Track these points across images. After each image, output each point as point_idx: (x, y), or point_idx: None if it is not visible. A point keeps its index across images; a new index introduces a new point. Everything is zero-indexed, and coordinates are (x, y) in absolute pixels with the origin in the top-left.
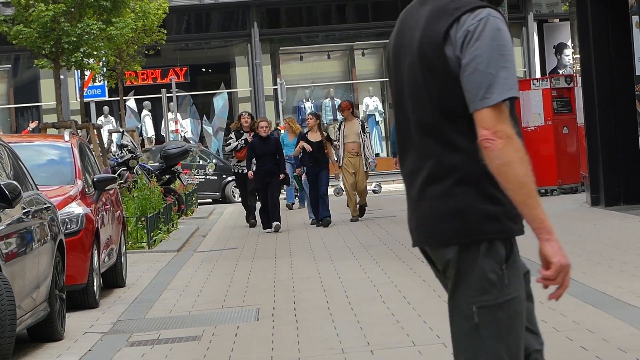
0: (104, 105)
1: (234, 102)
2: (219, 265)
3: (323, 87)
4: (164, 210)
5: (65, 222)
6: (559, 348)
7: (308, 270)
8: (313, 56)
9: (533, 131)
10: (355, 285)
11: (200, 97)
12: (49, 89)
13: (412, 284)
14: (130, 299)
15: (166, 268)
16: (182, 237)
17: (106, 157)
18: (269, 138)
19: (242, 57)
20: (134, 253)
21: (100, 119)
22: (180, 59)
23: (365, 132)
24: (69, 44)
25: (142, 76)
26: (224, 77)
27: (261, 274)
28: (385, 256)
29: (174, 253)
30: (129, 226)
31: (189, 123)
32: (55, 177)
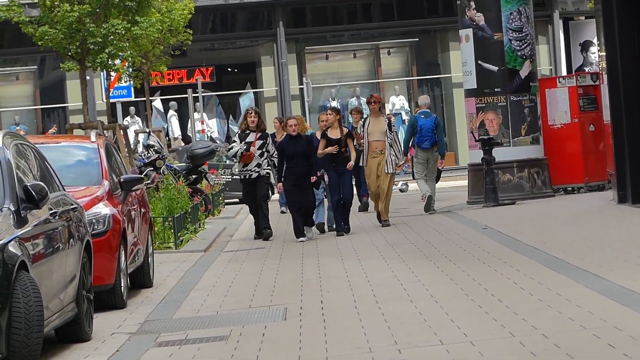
0: (130, 106)
1: (260, 101)
2: (246, 265)
3: (349, 86)
4: (191, 211)
5: (92, 222)
6: (587, 346)
7: (335, 269)
8: (339, 55)
9: (559, 129)
10: (383, 284)
11: (226, 97)
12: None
13: (440, 282)
14: (157, 299)
15: (193, 268)
16: (209, 237)
17: (133, 157)
18: (300, 137)
19: (267, 56)
20: (161, 253)
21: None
22: (206, 59)
23: (392, 131)
24: (95, 45)
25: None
26: (249, 77)
27: (288, 273)
28: (412, 255)
29: (201, 253)
30: (155, 226)
31: (215, 123)
32: (82, 178)
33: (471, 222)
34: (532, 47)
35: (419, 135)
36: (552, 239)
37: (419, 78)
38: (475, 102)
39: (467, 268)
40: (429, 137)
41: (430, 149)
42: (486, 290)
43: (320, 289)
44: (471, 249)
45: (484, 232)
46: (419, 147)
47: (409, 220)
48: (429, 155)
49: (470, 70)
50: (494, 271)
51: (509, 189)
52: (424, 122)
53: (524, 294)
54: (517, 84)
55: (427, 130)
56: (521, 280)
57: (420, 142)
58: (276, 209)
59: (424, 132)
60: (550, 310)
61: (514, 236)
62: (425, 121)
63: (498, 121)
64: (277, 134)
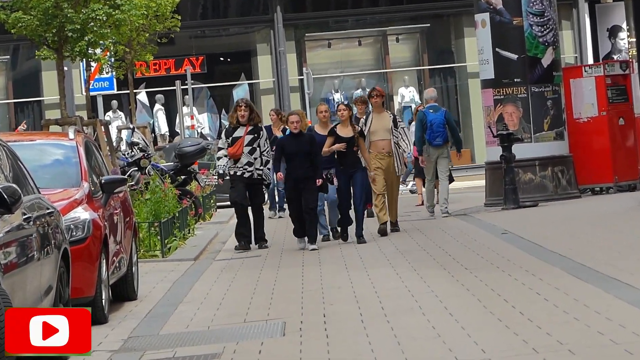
0: (112, 100)
1: (256, 94)
2: (241, 274)
3: (353, 77)
4: (179, 215)
5: (70, 228)
6: None
7: (339, 279)
8: (342, 43)
9: (586, 123)
10: (392, 295)
11: (219, 89)
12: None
13: (455, 293)
14: (142, 313)
15: (182, 278)
16: (200, 244)
17: (115, 156)
18: (302, 135)
19: (264, 44)
20: (146, 262)
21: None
22: (196, 48)
23: (397, 128)
24: (73, 32)
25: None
26: (244, 67)
27: (287, 284)
28: (424, 263)
29: (191, 262)
30: (140, 233)
31: (206, 118)
32: (59, 179)
33: (489, 227)
34: (555, 33)
35: (430, 131)
36: (578, 245)
37: (430, 67)
38: (493, 94)
39: (485, 277)
40: (440, 133)
41: (443, 145)
42: (506, 301)
43: (322, 301)
44: (489, 256)
45: (503, 237)
46: (431, 145)
47: (421, 225)
48: (441, 152)
49: (487, 58)
50: (514, 280)
51: (530, 189)
52: (433, 117)
53: (548, 306)
54: (538, 74)
55: (438, 125)
56: (545, 290)
57: (431, 139)
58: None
59: (435, 127)
60: (577, 323)
61: (537, 241)
62: (434, 116)
63: (518, 115)
64: (273, 128)
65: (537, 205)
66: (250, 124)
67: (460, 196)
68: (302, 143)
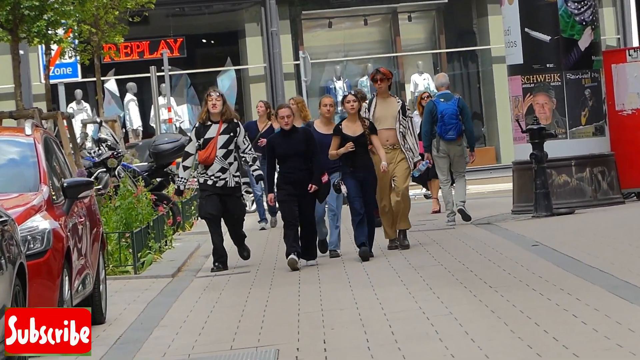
0: (77, 89)
1: (244, 82)
2: (227, 293)
3: (358, 62)
4: (155, 224)
5: (27, 240)
6: None
7: (342, 299)
8: (345, 22)
9: (630, 116)
10: (403, 317)
11: (200, 77)
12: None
13: (477, 315)
14: (111, 338)
15: (158, 298)
16: (179, 258)
17: (79, 155)
18: (296, 131)
19: (253, 24)
20: (116, 279)
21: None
22: (174, 28)
23: (406, 116)
24: (30, 10)
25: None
26: (230, 50)
27: (281, 304)
28: (441, 280)
29: (168, 279)
30: (109, 245)
31: (186, 110)
32: (14, 182)
33: (517, 237)
34: (595, 11)
35: (440, 123)
36: (622, 259)
37: (448, 51)
38: (522, 82)
39: (513, 296)
40: (453, 125)
41: (455, 139)
42: (537, 325)
43: (322, 325)
44: (517, 272)
45: (533, 250)
46: (442, 139)
47: (437, 235)
48: (454, 148)
49: (515, 40)
50: (547, 300)
51: (565, 194)
52: (444, 107)
53: (586, 330)
54: (575, 58)
55: (449, 116)
56: (582, 312)
57: (442, 132)
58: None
59: (446, 119)
60: (620, 350)
61: (573, 255)
62: (446, 105)
63: (551, 106)
64: (259, 122)
65: (574, 212)
66: (223, 120)
67: (483, 202)
68: (296, 141)
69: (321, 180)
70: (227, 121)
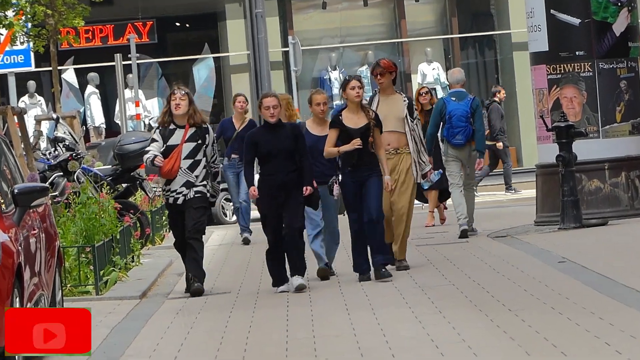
0: (29, 80)
1: (224, 72)
2: (204, 318)
3: (357, 49)
4: (120, 237)
5: None
6: None
7: (337, 323)
8: (342, 3)
9: None
10: (408, 345)
11: (173, 66)
12: None
13: (494, 342)
14: None
15: (124, 323)
16: (148, 276)
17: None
18: (282, 126)
19: (235, 5)
20: (75, 301)
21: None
22: (143, 9)
23: (414, 117)
24: None
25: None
26: (208, 35)
27: (267, 330)
28: (452, 301)
29: (136, 301)
30: (67, 261)
31: (156, 105)
32: None
33: (541, 253)
34: None
35: (448, 125)
36: None
37: (461, 36)
38: (547, 72)
39: (535, 321)
40: (462, 129)
41: (464, 145)
42: (564, 355)
43: (314, 354)
44: (541, 293)
45: (560, 267)
46: (450, 144)
47: (447, 250)
48: (463, 154)
49: (539, 24)
50: (575, 326)
51: (597, 202)
52: (455, 107)
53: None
54: (609, 45)
55: (458, 118)
56: (616, 339)
57: (450, 136)
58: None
59: (455, 120)
60: None
61: (606, 273)
62: (457, 105)
63: (581, 100)
64: (235, 120)
65: (607, 223)
66: (190, 124)
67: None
68: (283, 137)
69: (313, 185)
70: (194, 125)
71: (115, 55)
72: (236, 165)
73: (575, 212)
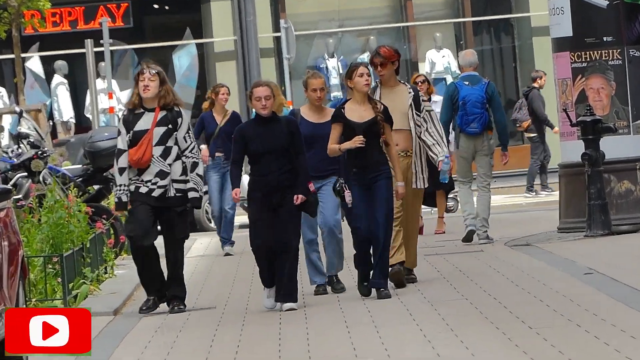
0: None
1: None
2: (186, 335)
3: (357, 34)
4: (92, 245)
5: None
6: None
7: (335, 342)
8: None
9: None
10: None
11: (151, 53)
12: None
13: None
14: None
15: (96, 342)
16: (122, 289)
17: None
18: (276, 120)
19: None
20: None
21: None
22: None
23: (421, 111)
24: None
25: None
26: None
27: (257, 349)
28: (465, 318)
29: (109, 317)
30: (31, 272)
31: None
32: None
33: (565, 263)
34: None
35: (462, 112)
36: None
37: (475, 20)
38: (571, 60)
39: (559, 340)
40: (477, 115)
41: (480, 134)
42: None
43: None
44: (565, 308)
45: (586, 279)
46: (463, 133)
47: (459, 260)
48: (478, 144)
49: (562, 6)
50: (603, 345)
51: (628, 206)
52: (468, 92)
53: None
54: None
55: (473, 104)
56: None
57: (464, 124)
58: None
59: (469, 107)
60: None
61: (638, 286)
62: (470, 90)
63: (609, 92)
64: (216, 114)
65: (639, 230)
66: (160, 106)
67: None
68: (277, 133)
69: (309, 189)
70: (165, 108)
71: (85, 41)
72: (221, 165)
73: (603, 218)
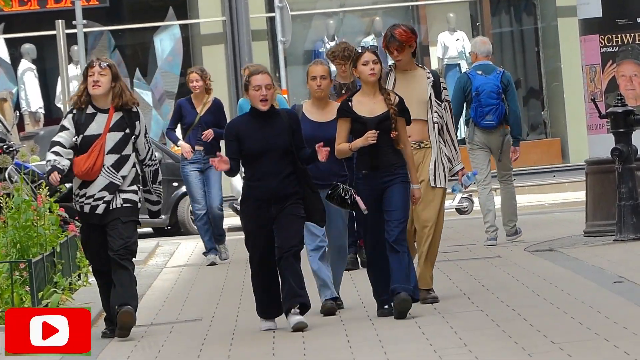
0: None
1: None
2: (169, 351)
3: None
4: (63, 250)
5: None
6: None
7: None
8: None
9: None
10: None
11: (130, 36)
12: None
13: None
14: None
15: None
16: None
17: None
18: (276, 114)
19: None
20: None
21: None
22: None
23: (442, 100)
24: None
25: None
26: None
27: None
28: (481, 332)
29: None
30: None
31: None
32: None
33: (592, 271)
34: None
35: (475, 104)
36: None
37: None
38: (601, 44)
39: (585, 356)
40: (493, 107)
41: (496, 127)
42: None
43: None
44: (592, 321)
45: (616, 288)
46: (477, 126)
47: (475, 268)
48: (495, 139)
49: None
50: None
51: None
52: (482, 82)
53: None
54: None
55: (487, 94)
56: None
57: (477, 117)
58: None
59: (483, 98)
60: None
61: None
62: (484, 80)
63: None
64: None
65: None
66: (116, 106)
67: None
68: (277, 129)
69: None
70: (121, 109)
71: (56, 22)
72: (201, 161)
73: (635, 220)
